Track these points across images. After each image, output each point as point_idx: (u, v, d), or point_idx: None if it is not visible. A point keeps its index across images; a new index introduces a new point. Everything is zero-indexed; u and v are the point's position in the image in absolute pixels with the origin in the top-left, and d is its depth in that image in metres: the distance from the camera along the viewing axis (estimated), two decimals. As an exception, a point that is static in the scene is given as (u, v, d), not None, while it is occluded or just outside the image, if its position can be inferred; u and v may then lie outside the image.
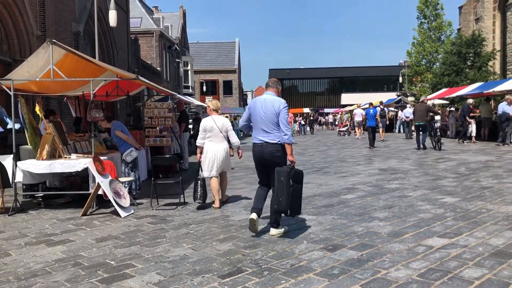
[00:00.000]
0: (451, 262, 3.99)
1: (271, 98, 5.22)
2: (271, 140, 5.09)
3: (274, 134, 5.09)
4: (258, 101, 5.28)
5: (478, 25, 36.76)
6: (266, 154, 5.13)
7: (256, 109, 5.23)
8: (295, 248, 4.58)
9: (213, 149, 6.93)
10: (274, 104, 5.11)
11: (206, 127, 6.93)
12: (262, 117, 5.15)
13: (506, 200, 6.55)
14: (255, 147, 5.27)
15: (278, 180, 4.89)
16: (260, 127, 5.17)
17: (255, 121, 5.27)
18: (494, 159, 11.78)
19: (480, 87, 20.85)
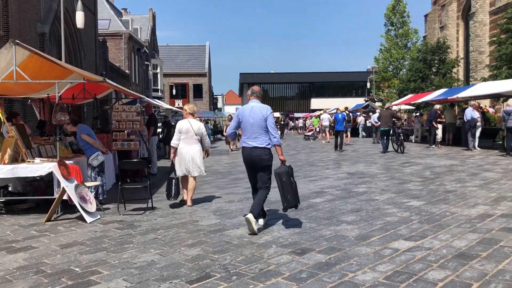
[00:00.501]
0: (416, 265, 4.07)
1: (258, 105, 5.73)
2: (259, 144, 5.56)
3: (262, 139, 5.58)
4: (246, 109, 5.74)
5: (442, 33, 37.87)
6: (254, 157, 5.58)
7: (245, 117, 5.68)
8: (264, 253, 4.58)
9: (187, 150, 7.30)
10: (262, 110, 5.63)
11: (182, 129, 7.30)
12: (251, 123, 5.61)
13: (469, 203, 6.74)
14: (245, 150, 5.69)
15: (280, 181, 5.46)
16: (250, 132, 5.62)
17: (244, 127, 5.70)
18: (458, 164, 12.13)
19: (445, 93, 21.44)
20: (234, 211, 6.76)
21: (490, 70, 24.41)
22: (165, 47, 57.20)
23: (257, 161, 5.58)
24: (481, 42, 31.60)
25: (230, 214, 6.52)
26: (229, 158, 16.71)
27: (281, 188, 5.46)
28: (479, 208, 6.36)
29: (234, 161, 15.57)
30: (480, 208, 6.36)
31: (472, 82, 29.96)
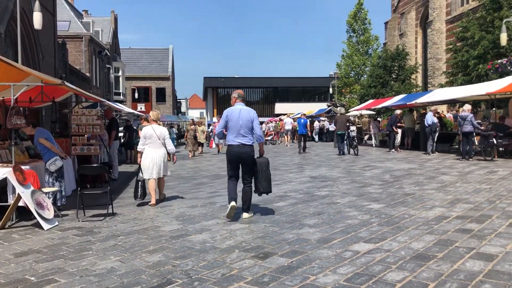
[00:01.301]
0: (376, 266, 4.15)
1: (245, 108, 6.54)
2: (247, 142, 6.37)
3: (249, 138, 6.42)
4: (234, 111, 6.46)
5: (402, 40, 38.97)
6: (243, 153, 6.36)
7: (234, 118, 6.40)
8: (227, 257, 4.57)
9: (152, 154, 7.87)
10: (250, 113, 6.46)
11: (146, 134, 7.89)
12: (240, 124, 6.35)
13: (426, 205, 6.95)
14: (233, 147, 6.39)
15: (261, 169, 6.39)
16: (237, 132, 6.36)
17: (232, 127, 6.39)
18: (416, 167, 12.49)
19: (404, 99, 22.06)
20: (197, 216, 6.71)
21: (446, 76, 25.29)
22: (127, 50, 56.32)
23: (245, 157, 6.38)
24: (438, 49, 32.72)
25: (192, 219, 6.46)
26: (193, 163, 16.59)
27: (261, 175, 6.38)
28: (436, 210, 6.57)
29: (197, 165, 15.46)
30: (437, 210, 6.57)
31: (430, 88, 30.96)
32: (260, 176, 6.40)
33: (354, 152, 17.87)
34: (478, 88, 16.14)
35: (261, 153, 6.59)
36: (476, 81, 20.22)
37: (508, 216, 6.00)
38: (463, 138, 14.31)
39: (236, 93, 6.69)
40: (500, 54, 20.31)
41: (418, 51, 38.65)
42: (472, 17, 23.14)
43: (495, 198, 7.35)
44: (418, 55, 38.44)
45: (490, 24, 21.49)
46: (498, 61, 18.31)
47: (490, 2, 21.60)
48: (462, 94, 16.85)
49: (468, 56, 21.89)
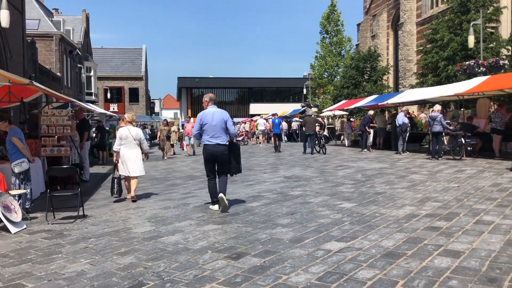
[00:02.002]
0: (347, 265, 4.21)
1: (218, 110, 7.13)
2: (222, 142, 6.96)
3: (223, 138, 6.99)
4: (208, 114, 7.03)
5: (374, 41, 39.59)
6: (219, 152, 6.94)
7: (208, 120, 6.96)
8: (199, 258, 4.55)
9: (128, 154, 8.35)
10: (223, 114, 7.07)
11: (122, 135, 8.35)
12: (214, 125, 6.93)
13: (397, 204, 7.08)
14: (209, 147, 6.94)
15: (233, 153, 7.22)
16: (213, 133, 6.93)
17: (207, 129, 6.94)
18: (387, 167, 12.70)
19: (376, 99, 22.42)
20: (170, 217, 6.66)
21: (417, 77, 25.80)
22: (99, 50, 55.43)
23: (220, 155, 6.96)
24: (409, 51, 33.39)
25: (165, 221, 6.41)
26: (166, 164, 16.45)
27: (234, 157, 7.23)
28: (406, 208, 6.70)
29: (171, 166, 15.34)
30: (407, 208, 6.70)
31: (401, 89, 31.55)
32: (234, 159, 7.21)
33: (322, 152, 18.93)
34: (447, 89, 16.53)
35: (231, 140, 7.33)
36: (446, 82, 20.70)
37: (475, 213, 6.17)
38: (433, 138, 14.64)
39: (208, 96, 7.23)
40: (468, 56, 20.86)
41: (389, 52, 39.34)
42: (441, 20, 23.68)
43: (462, 196, 7.55)
44: (389, 57, 39.13)
45: (458, 27, 22.05)
46: (466, 62, 18.79)
47: (458, 5, 22.15)
48: (432, 95, 17.23)
49: (437, 57, 22.40)
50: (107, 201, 8.48)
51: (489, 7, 21.94)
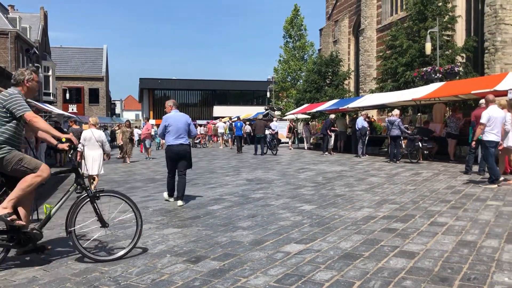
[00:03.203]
0: (306, 267, 4.24)
1: (181, 114, 8.03)
2: (184, 142, 7.83)
3: (185, 138, 7.86)
4: (172, 117, 7.86)
5: (336, 46, 40.29)
6: (182, 151, 7.78)
7: (172, 122, 7.76)
8: (158, 263, 4.48)
9: (90, 154, 9.18)
10: (185, 117, 7.94)
11: (86, 137, 9.21)
12: (178, 127, 7.75)
13: (355, 206, 7.21)
14: (173, 147, 7.75)
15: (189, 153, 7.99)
16: (176, 134, 7.74)
17: (171, 130, 7.74)
18: (347, 169, 12.94)
19: (337, 104, 22.82)
20: (128, 221, 6.52)
21: (377, 82, 26.44)
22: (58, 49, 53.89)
23: (183, 154, 7.79)
24: (369, 56, 34.15)
25: (124, 224, 6.28)
26: (126, 167, 16.15)
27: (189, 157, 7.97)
28: (364, 210, 6.83)
29: (131, 169, 15.08)
30: (365, 210, 6.83)
31: (361, 93, 32.22)
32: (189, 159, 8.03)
33: (272, 153, 20.77)
34: (405, 94, 17.03)
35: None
36: (404, 87, 21.31)
37: (430, 215, 6.36)
38: (391, 141, 15.03)
39: (171, 101, 8.12)
40: (425, 62, 21.56)
41: (351, 57, 40.13)
42: (400, 27, 24.38)
43: (418, 198, 7.77)
44: (351, 62, 39.91)
45: (416, 34, 22.78)
46: (424, 69, 19.42)
47: (416, 13, 22.88)
48: (391, 100, 17.70)
49: (396, 63, 23.04)
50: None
51: (445, 15, 22.78)
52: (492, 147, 9.01)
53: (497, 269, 4.04)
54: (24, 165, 4.47)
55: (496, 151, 9.30)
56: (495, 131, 8.98)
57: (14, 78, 4.81)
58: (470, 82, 15.65)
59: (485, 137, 9.09)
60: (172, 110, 7.96)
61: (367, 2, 34.34)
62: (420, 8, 22.64)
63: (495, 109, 9.19)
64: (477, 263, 4.22)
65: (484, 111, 9.33)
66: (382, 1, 33.71)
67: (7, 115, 4.46)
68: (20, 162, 4.45)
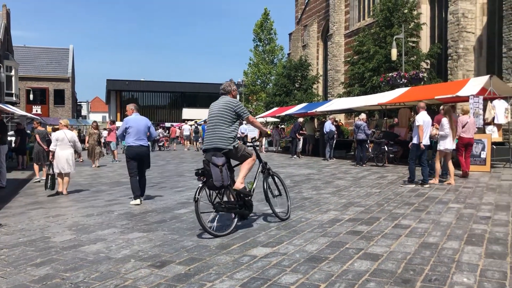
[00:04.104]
0: (271, 270, 4.25)
1: (140, 117, 8.46)
2: (144, 144, 8.26)
3: (145, 140, 8.28)
4: (132, 119, 8.27)
5: (305, 51, 40.71)
6: (142, 152, 8.19)
7: (133, 125, 8.19)
8: (121, 268, 4.39)
9: (62, 153, 9.63)
10: (145, 121, 8.42)
11: (59, 138, 9.64)
12: (138, 129, 8.15)
13: (322, 209, 7.28)
14: (133, 148, 8.11)
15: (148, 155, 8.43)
16: (137, 136, 8.13)
17: (132, 132, 8.13)
18: (315, 172, 13.06)
19: (305, 107, 23.05)
20: (92, 225, 6.39)
21: (344, 87, 26.87)
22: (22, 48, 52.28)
23: (143, 155, 8.22)
24: (337, 61, 34.67)
25: (87, 229, 6.14)
26: (92, 170, 15.81)
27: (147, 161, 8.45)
28: (331, 213, 6.90)
29: (96, 172, 14.77)
30: (331, 213, 6.90)
31: (329, 97, 32.65)
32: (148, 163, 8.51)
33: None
34: (372, 99, 17.37)
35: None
36: (371, 92, 21.74)
37: (394, 218, 6.48)
38: (358, 145, 15.27)
39: (132, 105, 8.58)
40: (391, 67, 22.06)
41: (319, 62, 40.63)
42: (367, 33, 24.87)
43: (383, 201, 7.92)
44: (319, 66, 40.41)
45: (383, 40, 23.28)
46: (389, 74, 19.86)
47: (383, 19, 23.39)
48: (358, 104, 18.00)
49: (363, 68, 23.48)
50: (24, 208, 7.99)
51: (410, 22, 23.38)
52: (425, 150, 9.81)
53: (457, 270, 4.15)
54: (245, 152, 6.15)
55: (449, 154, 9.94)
56: (425, 135, 9.75)
57: None
58: (434, 87, 16.10)
59: (415, 141, 9.87)
60: (133, 113, 8.40)
61: (335, 8, 34.87)
62: (386, 15, 23.16)
63: (425, 115, 9.96)
64: (438, 265, 4.32)
65: (417, 116, 10.05)
66: (350, 7, 34.30)
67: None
68: (243, 150, 6.12)
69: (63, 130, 9.88)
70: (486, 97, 13.13)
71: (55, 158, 9.64)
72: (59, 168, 9.59)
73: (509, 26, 19.90)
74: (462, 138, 11.26)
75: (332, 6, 35.22)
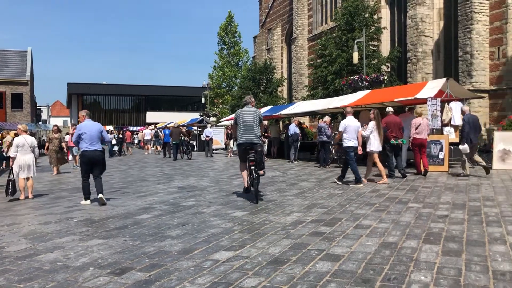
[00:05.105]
0: (234, 274, 4.22)
1: (94, 123, 8.80)
2: (98, 148, 8.58)
3: (99, 145, 8.61)
4: (85, 126, 8.59)
5: (269, 54, 40.97)
6: (96, 156, 8.55)
7: (86, 130, 8.48)
8: (79, 276, 4.27)
9: (23, 158, 9.74)
10: (97, 126, 8.74)
11: (19, 143, 9.72)
12: (91, 135, 8.48)
13: (286, 211, 7.31)
14: (87, 152, 8.46)
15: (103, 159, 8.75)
16: (90, 141, 8.46)
17: (85, 138, 8.43)
18: (279, 175, 13.13)
19: (270, 110, 23.15)
20: (50, 233, 6.19)
21: (308, 90, 27.16)
22: (-24, 51, 50.31)
23: (97, 159, 8.57)
24: (301, 64, 35.06)
25: (44, 237, 5.94)
26: (52, 176, 15.35)
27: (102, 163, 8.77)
28: (294, 215, 6.94)
29: (57, 178, 14.36)
30: (294, 215, 6.94)
31: (294, 100, 33.00)
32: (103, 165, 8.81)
33: (187, 157, 22.62)
34: (334, 102, 17.61)
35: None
36: (333, 95, 22.07)
37: (355, 218, 6.58)
38: (321, 147, 15.45)
39: (84, 112, 8.94)
40: (353, 71, 22.48)
41: (284, 65, 40.99)
42: (330, 37, 25.27)
43: (345, 202, 8.03)
44: (284, 69, 40.76)
45: (345, 44, 23.71)
46: (351, 77, 20.23)
47: (345, 23, 23.82)
48: (321, 107, 18.23)
49: (326, 72, 23.82)
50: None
51: (371, 26, 23.91)
52: (351, 151, 10.47)
53: (415, 269, 4.24)
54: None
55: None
56: (352, 138, 10.45)
57: None
58: (394, 90, 16.49)
59: (344, 144, 10.57)
60: (85, 120, 8.75)
61: (298, 12, 35.27)
62: (348, 19, 23.60)
63: (351, 119, 10.67)
64: (397, 264, 4.41)
65: (342, 121, 10.82)
66: (313, 11, 34.76)
67: None
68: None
69: (23, 136, 9.93)
70: (443, 99, 13.55)
71: (18, 164, 9.64)
72: (21, 173, 9.65)
73: (464, 31, 20.66)
74: (415, 139, 11.77)
75: (295, 10, 35.60)
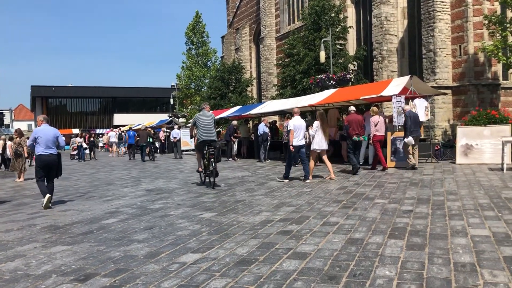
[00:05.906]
0: (201, 276, 4.19)
1: (50, 127, 8.99)
2: (54, 152, 8.79)
3: (54, 149, 8.80)
4: (42, 130, 8.78)
5: (238, 54, 40.92)
6: (51, 160, 8.74)
7: (42, 135, 8.67)
8: (41, 285, 4.14)
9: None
10: (54, 131, 8.93)
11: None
12: (47, 139, 8.67)
13: (254, 211, 7.31)
14: (44, 156, 8.65)
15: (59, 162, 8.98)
16: (45, 145, 8.65)
17: (41, 142, 8.63)
18: (249, 175, 13.13)
19: (240, 110, 23.13)
20: (11, 241, 5.99)
21: (277, 89, 27.27)
22: None
23: (52, 163, 8.76)
24: (270, 64, 35.16)
25: (5, 245, 5.74)
26: (15, 183, 14.89)
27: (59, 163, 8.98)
28: (262, 215, 6.95)
29: (20, 184, 13.95)
30: (263, 215, 6.95)
31: (263, 100, 33.06)
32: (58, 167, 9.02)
33: (151, 159, 23.23)
34: (303, 101, 17.73)
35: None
36: (302, 93, 22.22)
37: (323, 216, 6.64)
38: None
39: (41, 116, 9.18)
40: (320, 70, 22.68)
41: (252, 65, 41.03)
42: (297, 36, 25.43)
43: (313, 200, 8.09)
44: (252, 69, 40.80)
45: (312, 43, 23.90)
46: (319, 76, 20.41)
47: (311, 23, 24.02)
48: (290, 106, 18.30)
49: (294, 71, 23.96)
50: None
51: (337, 26, 24.19)
52: (297, 151, 11.04)
53: (380, 264, 4.31)
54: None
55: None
56: (299, 137, 10.96)
57: None
58: (360, 88, 16.74)
59: (294, 143, 10.92)
60: (42, 124, 8.96)
61: (266, 11, 35.37)
62: (314, 19, 23.81)
63: (298, 119, 11.14)
64: (363, 259, 4.46)
65: (290, 121, 11.28)
66: (280, 11, 34.93)
67: None
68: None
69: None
70: (407, 96, 13.83)
71: None
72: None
73: (427, 29, 21.17)
74: (375, 135, 12.14)
75: (262, 10, 35.69)
